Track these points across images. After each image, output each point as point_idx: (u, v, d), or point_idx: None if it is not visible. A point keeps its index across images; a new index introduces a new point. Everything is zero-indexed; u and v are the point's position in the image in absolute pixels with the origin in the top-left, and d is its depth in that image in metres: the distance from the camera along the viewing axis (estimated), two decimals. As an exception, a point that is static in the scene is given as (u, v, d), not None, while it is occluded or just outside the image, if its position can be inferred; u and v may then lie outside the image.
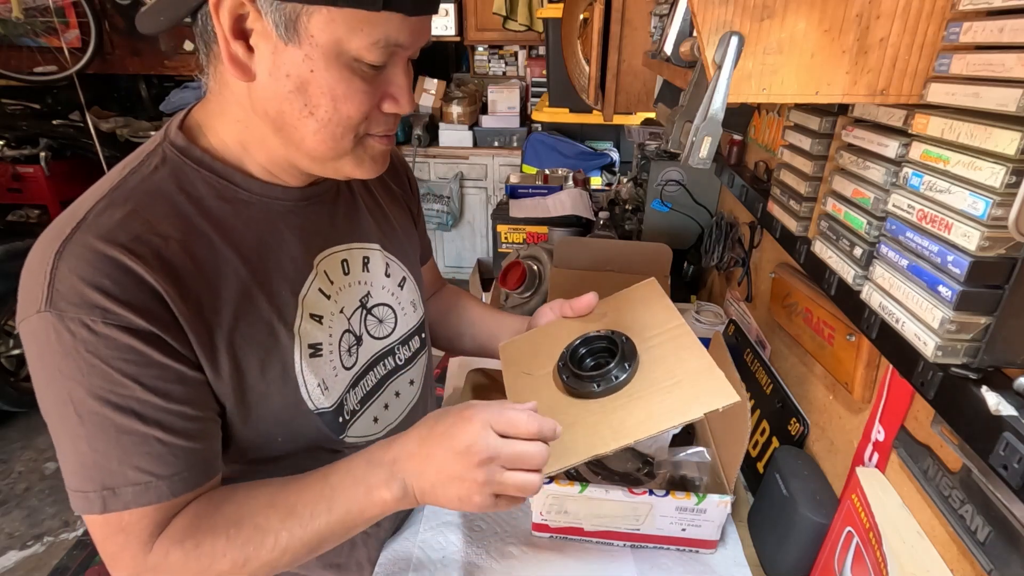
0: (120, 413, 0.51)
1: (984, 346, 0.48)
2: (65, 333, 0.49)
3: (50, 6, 3.16)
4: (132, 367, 0.51)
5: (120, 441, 0.52)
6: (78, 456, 0.52)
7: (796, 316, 0.91)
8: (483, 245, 3.75)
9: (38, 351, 0.51)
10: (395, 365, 0.78)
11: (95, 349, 0.50)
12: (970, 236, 0.45)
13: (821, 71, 0.49)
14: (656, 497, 0.78)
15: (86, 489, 0.52)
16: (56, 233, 0.52)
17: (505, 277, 1.46)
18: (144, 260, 0.52)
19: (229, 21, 0.50)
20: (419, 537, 0.84)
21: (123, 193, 0.55)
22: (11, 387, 2.49)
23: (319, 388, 0.65)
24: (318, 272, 0.66)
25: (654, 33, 0.90)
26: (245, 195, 0.61)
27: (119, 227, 0.52)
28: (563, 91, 2.04)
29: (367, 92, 0.54)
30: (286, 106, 0.53)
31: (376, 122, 0.57)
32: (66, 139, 3.33)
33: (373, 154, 0.60)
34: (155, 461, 0.53)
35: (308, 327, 0.64)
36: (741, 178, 1.08)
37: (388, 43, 0.51)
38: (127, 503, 0.53)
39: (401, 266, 0.79)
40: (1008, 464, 0.43)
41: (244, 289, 0.59)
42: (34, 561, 1.99)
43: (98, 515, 0.53)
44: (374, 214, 0.77)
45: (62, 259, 0.50)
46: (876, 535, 0.62)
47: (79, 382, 0.50)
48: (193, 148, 0.59)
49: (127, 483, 0.52)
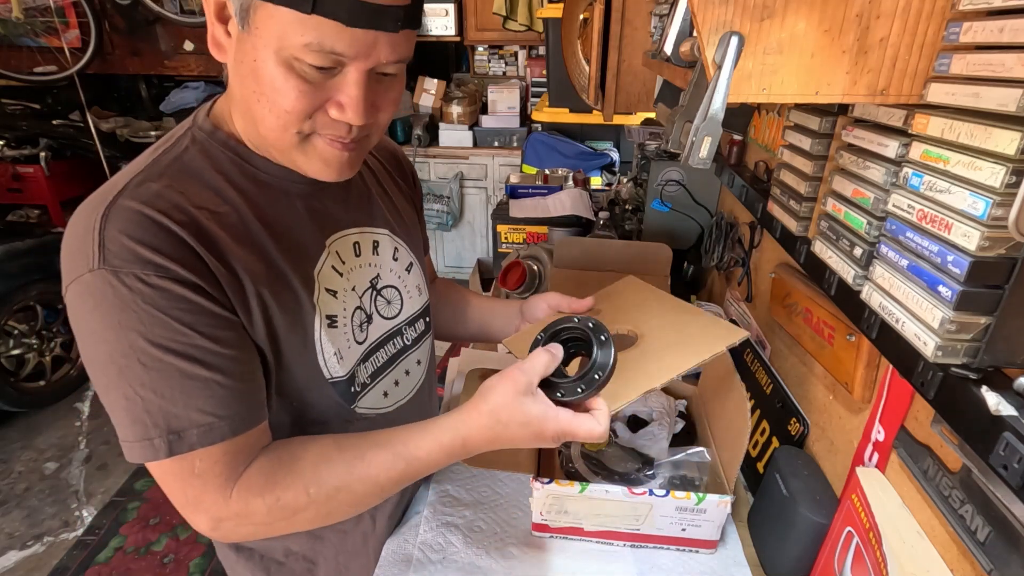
0: (183, 359, 0.54)
1: (984, 346, 0.48)
2: (122, 287, 0.52)
3: (50, 6, 3.16)
4: (188, 316, 0.54)
5: (184, 386, 0.55)
6: (141, 404, 0.54)
7: (796, 316, 0.91)
8: (483, 245, 3.75)
9: (93, 306, 0.53)
10: (404, 345, 0.81)
11: (152, 300, 0.53)
12: (970, 236, 0.45)
13: (821, 71, 0.49)
14: (656, 497, 0.78)
15: (151, 436, 0.55)
16: (97, 202, 0.55)
17: (505, 277, 1.46)
18: (183, 224, 0.55)
19: (214, 6, 0.55)
20: (419, 538, 0.84)
21: (158, 169, 0.59)
22: (11, 387, 2.49)
23: (335, 357, 0.68)
24: (330, 252, 0.70)
25: (654, 33, 0.90)
26: (265, 176, 0.64)
27: (157, 196, 0.56)
28: (563, 91, 2.04)
29: (305, 92, 0.55)
30: (246, 90, 0.57)
31: (323, 124, 0.58)
32: (66, 139, 3.34)
33: (325, 156, 0.61)
34: (217, 403, 0.56)
35: (326, 299, 0.68)
36: (741, 178, 1.08)
37: (323, 48, 0.52)
38: (192, 444, 0.55)
39: (409, 251, 0.82)
40: (1008, 464, 0.43)
41: (272, 258, 0.63)
42: (34, 561, 1.99)
43: (165, 460, 0.55)
44: (384, 202, 0.80)
45: (109, 221, 0.53)
46: (876, 535, 0.62)
47: (140, 332, 0.53)
48: (219, 132, 0.63)
49: (192, 425, 0.55)
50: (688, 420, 0.99)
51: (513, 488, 0.93)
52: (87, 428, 2.60)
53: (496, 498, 0.92)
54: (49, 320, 2.64)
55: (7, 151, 3.18)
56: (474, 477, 0.95)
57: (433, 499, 0.90)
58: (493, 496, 0.92)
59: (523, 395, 0.60)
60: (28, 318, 2.57)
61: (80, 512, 2.18)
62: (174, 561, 1.98)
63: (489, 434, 0.61)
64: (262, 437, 0.62)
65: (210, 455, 0.57)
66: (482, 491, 0.93)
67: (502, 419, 0.60)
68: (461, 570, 0.79)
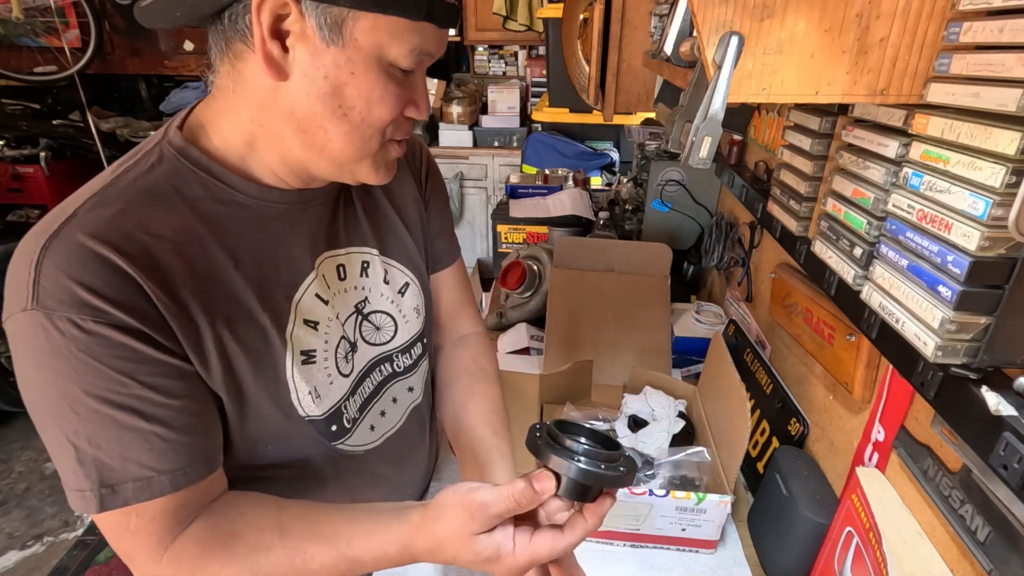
0: (120, 411, 0.51)
1: (984, 346, 0.48)
2: (54, 331, 0.48)
3: (50, 6, 3.16)
4: (128, 364, 0.50)
5: (120, 438, 0.51)
6: (74, 453, 0.51)
7: (796, 316, 0.91)
8: (483, 245, 3.75)
9: (25, 350, 0.50)
10: (392, 371, 0.77)
11: (87, 348, 0.49)
12: (970, 236, 0.45)
13: (821, 71, 0.49)
14: (656, 497, 0.78)
15: (83, 488, 0.51)
16: (43, 229, 0.51)
17: (505, 277, 1.46)
18: (132, 258, 0.51)
19: (269, 20, 0.50)
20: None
21: (116, 191, 0.54)
22: (11, 387, 2.49)
23: (310, 396, 0.64)
24: (318, 274, 0.66)
25: (654, 33, 0.90)
26: (241, 197, 0.60)
27: (108, 224, 0.51)
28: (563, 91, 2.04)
29: (398, 96, 0.56)
30: (319, 107, 0.54)
31: (399, 126, 0.59)
32: (66, 139, 3.33)
33: (388, 160, 0.62)
34: (157, 456, 0.52)
35: (300, 333, 0.63)
36: (741, 178, 1.08)
37: (422, 52, 0.54)
38: (127, 499, 0.52)
39: (403, 270, 0.77)
40: (1008, 464, 0.43)
41: (236, 292, 0.58)
42: (34, 561, 1.99)
43: (98, 514, 0.52)
44: (373, 218, 0.75)
45: (48, 255, 0.49)
46: (876, 535, 0.62)
47: (73, 381, 0.49)
48: (191, 148, 0.58)
49: (128, 479, 0.52)
50: (688, 420, 0.99)
51: (513, 488, 0.93)
52: (87, 428, 2.60)
53: (496, 498, 0.91)
54: (49, 320, 2.64)
55: (7, 151, 3.18)
56: (474, 477, 0.95)
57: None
58: (493, 496, 0.92)
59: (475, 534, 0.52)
60: (28, 318, 2.57)
61: (80, 512, 2.18)
62: (174, 561, 1.98)
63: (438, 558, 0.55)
64: (212, 488, 0.58)
65: (146, 511, 0.53)
66: (482, 491, 0.93)
67: (447, 552, 0.54)
68: (461, 570, 0.79)
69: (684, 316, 1.36)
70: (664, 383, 1.06)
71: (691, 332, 1.30)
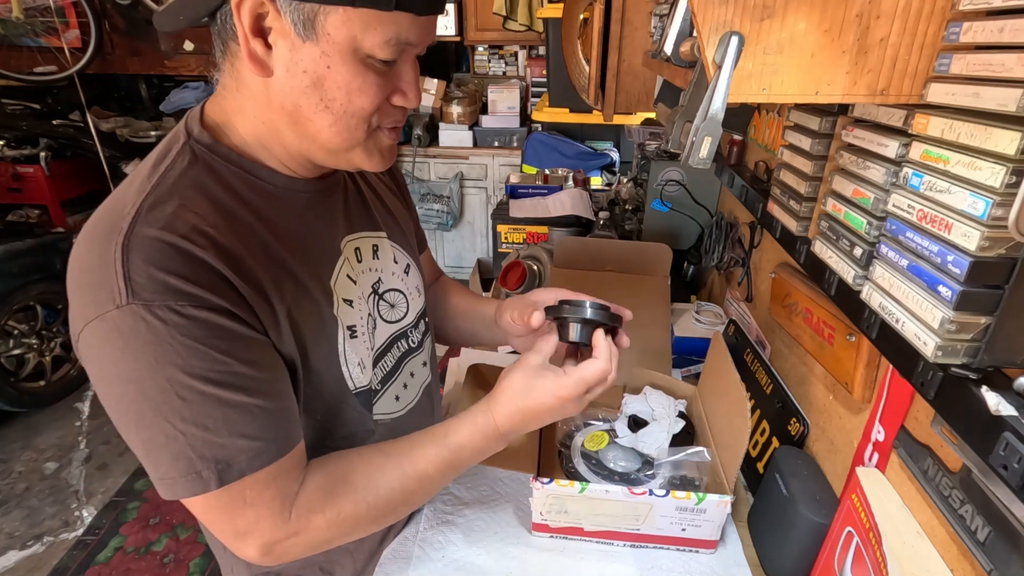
0: (224, 388, 0.53)
1: (984, 346, 0.48)
2: (156, 321, 0.50)
3: (50, 6, 3.16)
4: (225, 343, 0.54)
5: (227, 415, 0.54)
6: (184, 439, 0.53)
7: (796, 316, 0.91)
8: (483, 245, 3.75)
9: (124, 345, 0.51)
10: (408, 347, 0.81)
11: (189, 331, 0.51)
12: (970, 236, 0.45)
13: (821, 71, 0.49)
14: (656, 497, 0.78)
15: (198, 469, 0.53)
16: (107, 230, 0.52)
17: (505, 277, 1.46)
18: (205, 248, 0.54)
19: (249, 19, 0.52)
20: (419, 536, 0.84)
21: (165, 189, 0.56)
22: (11, 387, 2.49)
23: (359, 367, 0.69)
24: (345, 258, 0.70)
25: (654, 33, 0.90)
26: (271, 188, 0.63)
27: (175, 219, 0.54)
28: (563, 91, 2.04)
29: (379, 86, 0.57)
30: (303, 100, 0.56)
31: (386, 114, 0.60)
32: (66, 139, 3.33)
33: (381, 147, 0.63)
34: (261, 427, 0.56)
35: (344, 309, 0.68)
36: (741, 178, 1.08)
37: (399, 41, 0.54)
38: (243, 471, 0.55)
39: (404, 253, 0.82)
40: (1008, 464, 0.43)
41: (292, 274, 0.62)
42: (34, 561, 1.99)
43: (213, 492, 0.54)
44: (376, 205, 0.80)
45: (131, 252, 0.51)
46: (876, 535, 0.62)
47: (179, 366, 0.51)
48: (220, 145, 0.61)
49: (239, 452, 0.55)
50: (688, 420, 0.99)
51: (513, 488, 0.93)
52: (87, 428, 2.60)
53: (496, 497, 0.92)
54: (49, 320, 2.64)
55: (7, 151, 3.19)
56: (474, 476, 0.95)
57: (434, 498, 0.90)
58: (493, 495, 0.92)
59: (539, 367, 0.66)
60: (28, 318, 2.57)
61: (80, 512, 2.18)
62: (174, 561, 1.98)
63: (517, 408, 0.65)
64: (303, 456, 0.62)
65: (260, 481, 0.56)
66: (482, 490, 0.93)
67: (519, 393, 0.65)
68: (461, 569, 0.80)
69: (684, 316, 1.36)
70: (664, 383, 1.06)
71: (691, 332, 1.30)
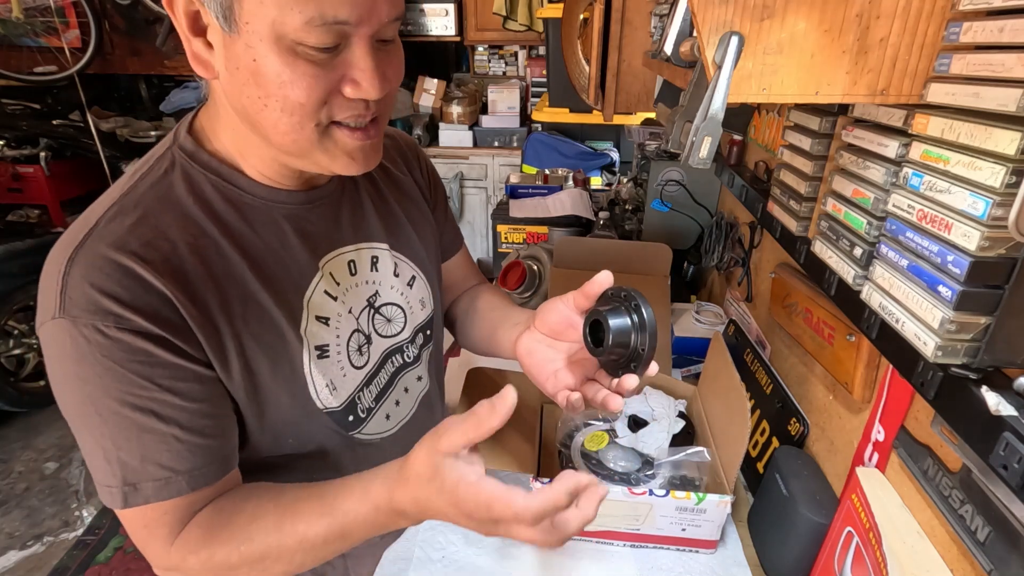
0: (139, 413, 0.53)
1: (984, 346, 0.48)
2: (79, 338, 0.51)
3: (50, 6, 3.16)
4: (146, 368, 0.53)
5: (141, 439, 0.54)
6: (102, 453, 0.54)
7: (796, 316, 0.91)
8: (483, 245, 3.75)
9: (55, 356, 0.53)
10: (403, 362, 0.79)
11: (109, 353, 0.51)
12: (970, 236, 0.45)
13: (821, 71, 0.49)
14: (656, 497, 0.78)
15: (110, 484, 0.54)
16: (69, 241, 0.53)
17: (505, 277, 1.46)
18: (153, 265, 0.53)
19: (186, 20, 0.51)
20: (419, 536, 0.84)
21: (133, 199, 0.56)
22: (11, 387, 2.49)
23: (327, 388, 0.66)
24: (324, 274, 0.67)
25: (654, 33, 0.90)
26: (249, 199, 0.61)
27: (129, 233, 0.54)
28: (563, 91, 2.04)
29: (316, 76, 0.50)
30: (245, 100, 0.52)
31: (340, 109, 0.54)
32: (66, 139, 3.33)
33: (347, 149, 0.57)
34: (175, 457, 0.55)
35: (314, 329, 0.65)
36: (741, 178, 1.08)
37: (325, 21, 0.48)
38: (147, 497, 0.55)
39: (411, 265, 0.79)
40: (1008, 464, 0.43)
41: (252, 292, 0.60)
42: (34, 561, 1.99)
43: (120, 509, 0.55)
44: (381, 213, 0.76)
45: (74, 266, 0.51)
46: (876, 535, 0.62)
47: (96, 385, 0.52)
48: (201, 152, 0.60)
49: (148, 479, 0.54)
50: (688, 420, 0.99)
51: (513, 488, 0.93)
52: (87, 428, 2.60)
53: (496, 498, 0.91)
54: (49, 320, 2.64)
55: (7, 151, 3.18)
56: (474, 477, 0.95)
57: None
58: (493, 496, 0.92)
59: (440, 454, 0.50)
60: (28, 318, 2.57)
61: (80, 512, 2.18)
62: (174, 561, 1.98)
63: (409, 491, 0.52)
64: (227, 486, 0.60)
65: (160, 507, 0.56)
66: (482, 491, 0.93)
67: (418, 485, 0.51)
68: (461, 569, 0.79)
69: (684, 316, 1.36)
70: (664, 383, 1.06)
71: (691, 332, 1.30)
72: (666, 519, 0.80)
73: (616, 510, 0.80)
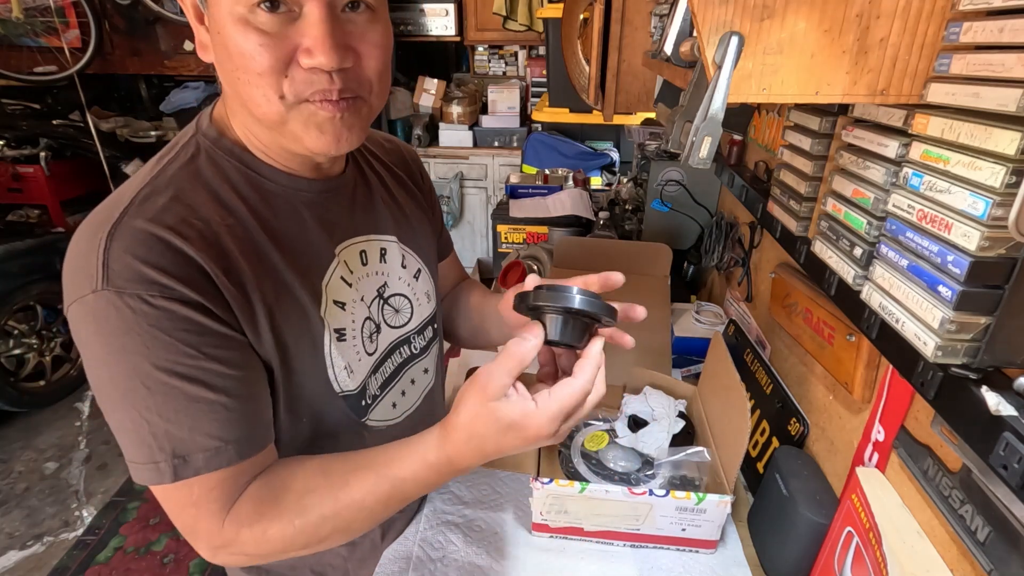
0: (188, 382, 0.53)
1: (984, 346, 0.48)
2: (125, 309, 0.51)
3: (50, 6, 3.16)
4: (193, 337, 0.53)
5: (189, 409, 0.54)
6: (147, 427, 0.53)
7: (796, 316, 0.91)
8: (483, 245, 3.75)
9: (96, 329, 0.52)
10: (411, 353, 0.80)
11: (156, 322, 0.51)
12: (970, 236, 0.45)
13: (821, 71, 0.49)
14: (656, 497, 0.78)
15: (156, 459, 0.54)
16: (103, 219, 0.54)
17: (505, 277, 1.46)
18: (190, 240, 0.54)
19: (191, 9, 0.55)
20: (419, 536, 0.84)
21: (163, 181, 0.57)
22: (11, 387, 2.49)
23: (345, 371, 0.68)
24: (340, 261, 0.69)
25: (654, 33, 0.90)
26: (271, 185, 0.63)
27: (164, 211, 0.55)
28: (563, 91, 2.04)
29: (266, 45, 0.51)
30: (228, 76, 0.55)
31: (303, 82, 0.53)
32: (66, 139, 3.33)
33: (316, 120, 0.56)
34: (223, 426, 0.55)
35: (334, 312, 0.67)
36: (741, 178, 1.08)
37: None
38: (198, 469, 0.54)
39: (416, 258, 0.81)
40: (1008, 464, 0.43)
41: (280, 272, 0.61)
42: (34, 561, 1.99)
43: (169, 484, 0.54)
44: (390, 207, 0.78)
45: (114, 240, 0.52)
46: (876, 535, 0.62)
47: (144, 355, 0.52)
48: (223, 139, 0.61)
49: (198, 449, 0.54)
50: (688, 420, 0.99)
51: (513, 488, 0.93)
52: (87, 428, 2.60)
53: (496, 497, 0.92)
54: (49, 320, 2.64)
55: (7, 151, 3.18)
56: (474, 476, 0.95)
57: (434, 497, 0.91)
58: (493, 495, 0.92)
59: (492, 400, 0.53)
60: (28, 318, 2.57)
61: (80, 512, 2.18)
62: (174, 561, 1.98)
63: (471, 448, 0.55)
64: (268, 458, 0.61)
65: (208, 481, 0.55)
66: (482, 490, 0.93)
67: (478, 431, 0.54)
68: (461, 569, 0.80)
69: (684, 316, 1.36)
70: (664, 383, 1.06)
71: (691, 332, 1.30)
72: (666, 519, 0.80)
73: (616, 510, 0.80)
